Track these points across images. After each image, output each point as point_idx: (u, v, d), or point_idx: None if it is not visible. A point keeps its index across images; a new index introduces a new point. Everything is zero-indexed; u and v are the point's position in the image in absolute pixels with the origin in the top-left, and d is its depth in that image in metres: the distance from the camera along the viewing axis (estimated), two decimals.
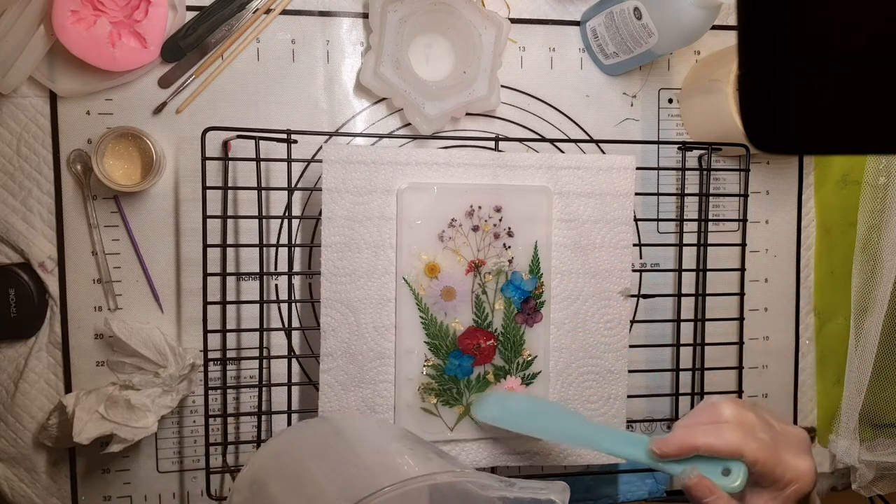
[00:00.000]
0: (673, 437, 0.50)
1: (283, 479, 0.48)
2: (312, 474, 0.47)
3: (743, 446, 0.48)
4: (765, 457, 0.48)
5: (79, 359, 0.69)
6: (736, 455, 0.48)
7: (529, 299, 0.67)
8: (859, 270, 0.79)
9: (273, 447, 0.53)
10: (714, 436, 0.49)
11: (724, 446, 0.49)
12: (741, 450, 0.48)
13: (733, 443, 0.48)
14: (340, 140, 0.70)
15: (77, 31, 0.63)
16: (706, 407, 0.52)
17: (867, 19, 0.28)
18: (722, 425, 0.49)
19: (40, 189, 0.67)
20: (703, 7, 0.61)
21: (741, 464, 0.49)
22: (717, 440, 0.49)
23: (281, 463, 0.51)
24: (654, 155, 0.78)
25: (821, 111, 0.30)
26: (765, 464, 0.48)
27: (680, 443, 0.50)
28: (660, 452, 0.51)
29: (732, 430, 0.49)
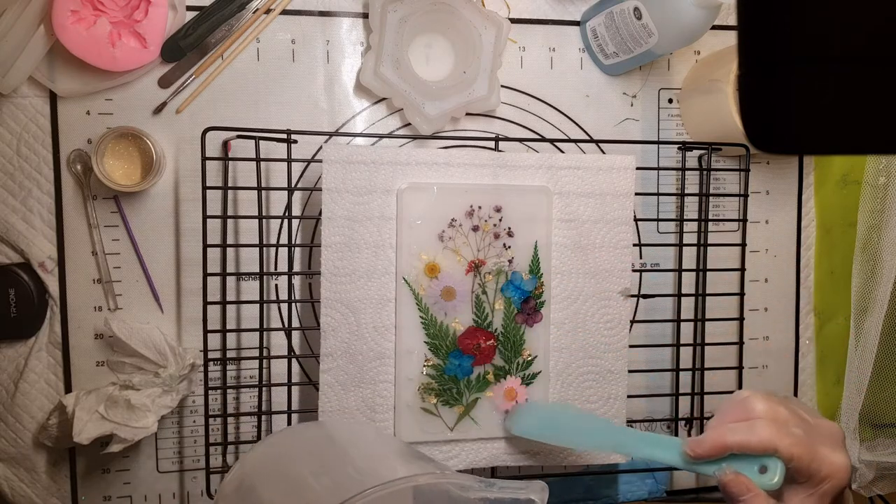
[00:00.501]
0: (706, 437, 0.50)
1: (271, 480, 0.48)
2: (300, 472, 0.47)
3: (777, 442, 0.47)
4: (800, 452, 0.47)
5: (79, 359, 0.69)
6: (770, 451, 0.48)
7: (529, 299, 0.67)
8: (859, 270, 0.79)
9: (262, 450, 0.53)
10: (747, 433, 0.48)
11: (757, 443, 0.48)
12: (775, 445, 0.47)
13: (767, 438, 0.47)
14: (340, 140, 0.70)
15: (77, 31, 0.63)
16: (737, 403, 0.51)
17: (867, 19, 0.28)
18: (754, 422, 0.49)
19: (40, 189, 0.67)
20: (703, 7, 0.61)
21: (777, 460, 0.48)
22: (750, 437, 0.48)
23: (269, 465, 0.51)
24: (654, 155, 0.78)
25: (821, 111, 0.30)
26: (800, 459, 0.47)
27: (713, 443, 0.49)
28: (694, 454, 0.50)
29: (765, 426, 0.48)
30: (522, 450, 0.69)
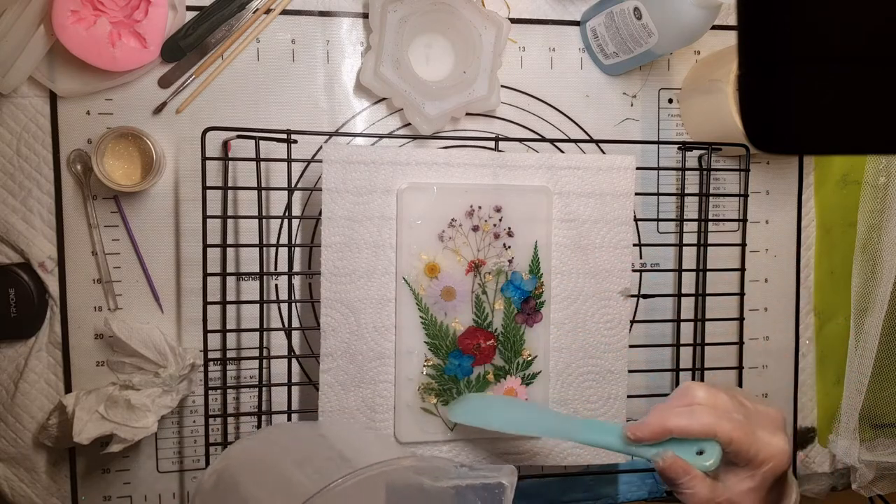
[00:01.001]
0: (646, 421, 0.51)
1: (252, 471, 0.48)
2: (283, 462, 0.46)
3: (716, 426, 0.48)
4: (738, 436, 0.48)
5: (79, 359, 0.69)
6: (709, 435, 0.49)
7: (529, 299, 0.67)
8: (859, 270, 0.79)
9: (244, 444, 0.53)
10: (687, 417, 0.49)
11: (697, 427, 0.49)
12: (714, 430, 0.48)
13: (706, 423, 0.49)
14: (340, 140, 0.70)
15: (77, 31, 0.63)
16: (680, 391, 0.52)
17: (867, 19, 0.28)
18: (695, 407, 0.50)
19: (40, 189, 0.67)
20: (703, 7, 0.61)
21: (715, 443, 0.49)
22: (690, 421, 0.49)
23: (251, 456, 0.50)
24: (654, 155, 0.78)
25: (821, 111, 0.30)
26: (739, 443, 0.48)
27: (653, 426, 0.50)
28: (634, 437, 0.51)
29: (705, 411, 0.49)
30: (522, 450, 0.69)
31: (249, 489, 0.45)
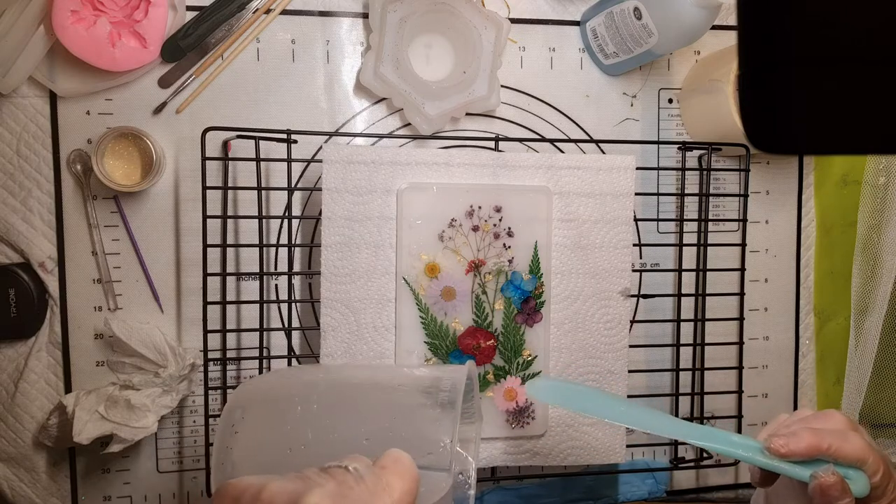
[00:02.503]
0: (799, 438, 0.49)
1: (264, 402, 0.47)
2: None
3: (869, 455, 0.48)
4: (884, 468, 0.49)
5: (79, 359, 0.69)
6: (861, 463, 0.48)
7: (529, 299, 0.67)
8: (859, 270, 0.79)
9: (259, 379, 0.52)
10: (842, 440, 0.49)
11: (851, 452, 0.48)
12: (867, 458, 0.48)
13: (861, 450, 0.48)
14: (340, 140, 0.70)
15: (77, 31, 0.63)
16: (822, 414, 0.52)
17: (867, 19, 0.28)
18: (847, 432, 0.49)
19: (40, 189, 0.67)
20: (703, 7, 0.61)
21: (861, 472, 0.49)
22: (845, 444, 0.48)
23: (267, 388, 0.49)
24: (654, 155, 0.78)
25: (821, 111, 0.30)
26: (884, 475, 0.49)
27: (809, 442, 0.49)
28: (785, 451, 0.49)
29: (858, 437, 0.49)
30: (522, 450, 0.69)
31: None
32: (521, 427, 0.68)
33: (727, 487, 0.81)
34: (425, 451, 0.38)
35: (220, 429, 0.43)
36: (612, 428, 0.70)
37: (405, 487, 0.34)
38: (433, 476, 0.37)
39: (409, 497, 0.34)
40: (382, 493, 0.33)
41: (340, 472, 0.34)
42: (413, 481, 0.35)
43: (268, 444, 0.40)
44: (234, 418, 0.42)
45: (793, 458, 0.49)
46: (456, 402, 0.39)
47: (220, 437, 0.42)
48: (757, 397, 0.81)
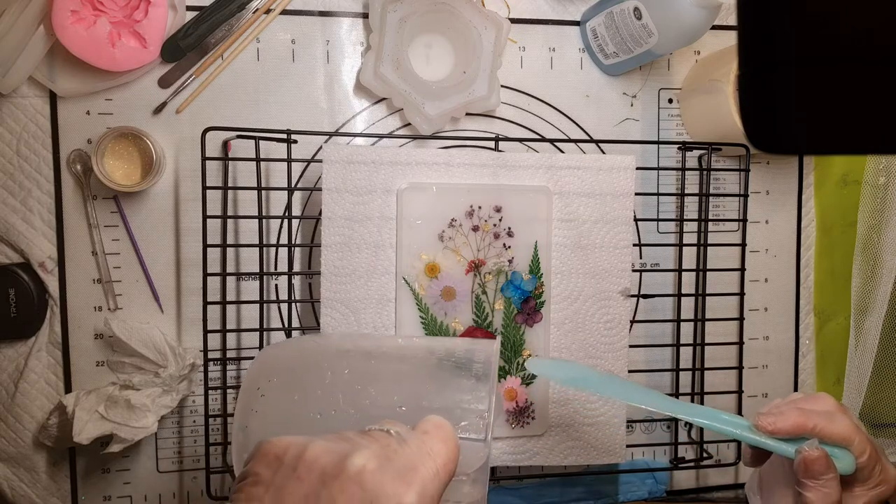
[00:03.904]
0: (786, 416, 0.50)
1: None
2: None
3: (855, 435, 0.50)
4: (870, 451, 0.50)
5: (79, 359, 0.69)
6: (847, 443, 0.50)
7: (529, 299, 0.67)
8: (859, 270, 0.79)
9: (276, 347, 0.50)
10: (828, 420, 0.50)
11: (837, 432, 0.49)
12: (853, 438, 0.49)
13: (847, 430, 0.49)
14: (340, 140, 0.70)
15: (77, 31, 0.63)
16: (812, 397, 0.53)
17: (867, 19, 0.28)
18: (834, 412, 0.51)
19: (40, 189, 0.67)
20: (703, 7, 0.61)
21: (848, 452, 0.50)
22: (831, 424, 0.50)
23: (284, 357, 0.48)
24: (654, 155, 0.78)
25: (821, 111, 0.30)
26: (869, 458, 0.50)
27: (795, 421, 0.50)
28: (772, 428, 0.50)
29: (845, 418, 0.50)
30: (522, 450, 0.69)
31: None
32: (521, 427, 0.68)
33: (727, 487, 0.81)
34: (461, 420, 0.37)
35: (244, 391, 0.42)
36: (612, 428, 0.70)
37: (449, 454, 0.34)
38: (470, 445, 0.37)
39: (452, 464, 0.34)
40: (426, 458, 0.33)
41: (382, 434, 0.33)
42: (455, 448, 0.35)
43: (295, 407, 0.38)
44: (260, 381, 0.41)
45: (780, 436, 0.51)
46: (490, 373, 0.39)
47: (244, 400, 0.41)
48: (757, 397, 0.81)
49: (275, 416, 0.40)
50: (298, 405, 0.39)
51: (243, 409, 0.41)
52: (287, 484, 0.31)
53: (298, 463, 0.32)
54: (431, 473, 0.32)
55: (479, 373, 0.40)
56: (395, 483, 0.31)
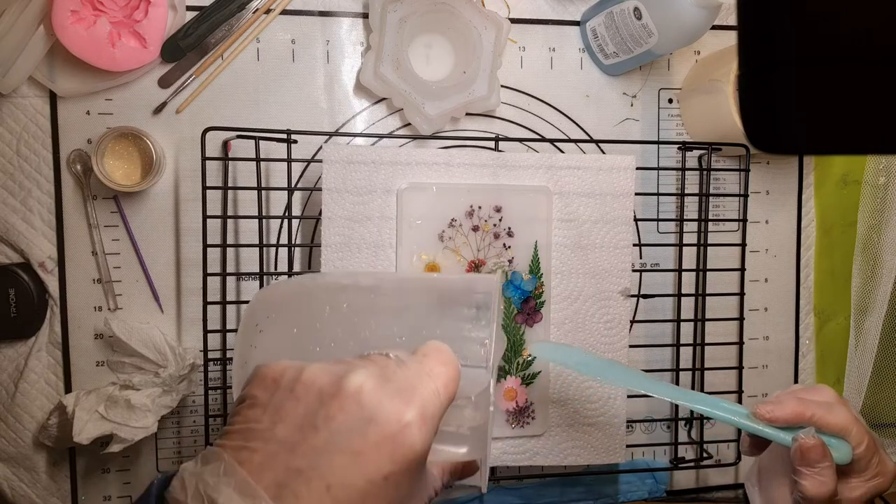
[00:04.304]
0: (784, 405, 0.51)
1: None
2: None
3: (853, 426, 0.50)
4: (868, 442, 0.50)
5: (79, 359, 0.69)
6: (845, 433, 0.50)
7: (529, 299, 0.67)
8: (859, 270, 0.79)
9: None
10: (826, 410, 0.50)
11: (835, 422, 0.50)
12: (851, 429, 0.50)
13: (845, 420, 0.50)
14: (340, 140, 0.70)
15: (77, 31, 0.63)
16: (812, 388, 0.53)
17: (867, 19, 0.28)
18: (833, 403, 0.51)
19: (40, 189, 0.67)
20: (703, 7, 0.61)
21: (846, 442, 0.50)
22: (828, 414, 0.50)
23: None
24: (654, 155, 0.78)
25: (821, 111, 0.30)
26: (867, 449, 0.50)
27: (793, 410, 0.51)
28: (769, 416, 0.51)
29: (843, 409, 0.51)
30: (522, 450, 0.69)
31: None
32: (521, 427, 0.68)
33: (727, 487, 0.81)
34: (462, 349, 0.37)
35: (243, 329, 0.42)
36: (612, 428, 0.70)
37: (449, 374, 0.34)
38: (472, 373, 0.37)
39: (453, 385, 0.34)
40: (426, 378, 0.33)
41: (381, 357, 0.33)
42: (455, 370, 0.34)
43: (294, 341, 0.38)
44: (258, 318, 0.41)
45: (778, 425, 0.51)
46: (491, 303, 0.39)
47: (243, 337, 0.41)
48: (757, 397, 0.81)
49: (274, 350, 0.40)
50: (297, 339, 0.39)
51: (242, 345, 0.41)
52: (284, 404, 0.31)
53: (296, 384, 0.31)
54: (431, 392, 0.32)
55: (479, 303, 0.39)
56: (393, 401, 0.31)
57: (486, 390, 0.37)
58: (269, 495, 0.29)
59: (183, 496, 0.29)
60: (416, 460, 0.31)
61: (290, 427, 0.30)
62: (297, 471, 0.29)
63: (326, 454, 0.30)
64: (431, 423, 0.32)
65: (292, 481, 0.29)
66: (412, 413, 0.31)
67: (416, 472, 0.31)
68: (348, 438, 0.30)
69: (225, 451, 0.30)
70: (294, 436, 0.30)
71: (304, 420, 0.30)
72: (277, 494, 0.29)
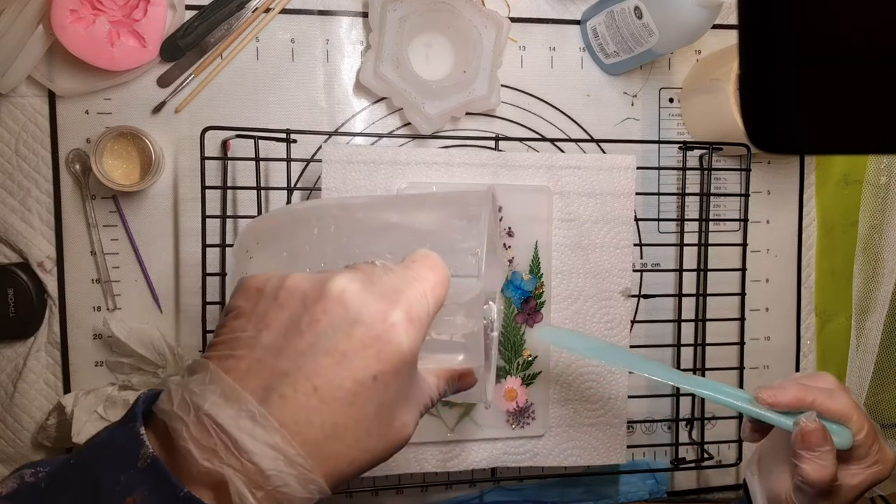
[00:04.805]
0: (786, 390, 0.51)
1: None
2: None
3: (854, 412, 0.50)
4: (869, 428, 0.50)
5: (77, 359, 0.68)
6: (846, 419, 0.50)
7: (529, 299, 0.67)
8: (860, 270, 0.78)
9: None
10: (828, 396, 0.51)
11: (836, 408, 0.50)
12: (851, 415, 0.50)
13: (846, 407, 0.50)
14: (340, 140, 0.70)
15: (76, 31, 0.62)
16: (814, 375, 0.54)
17: (867, 19, 0.28)
18: (834, 390, 0.52)
19: (39, 189, 0.67)
20: (704, 6, 0.61)
21: (846, 428, 0.50)
22: (830, 400, 0.50)
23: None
24: (655, 154, 0.77)
25: (821, 111, 0.30)
26: (867, 435, 0.50)
27: (794, 395, 0.51)
28: (771, 401, 0.51)
29: (845, 395, 0.51)
30: (522, 450, 0.69)
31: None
32: (522, 427, 0.68)
33: (728, 488, 0.80)
34: (453, 260, 0.36)
35: (234, 258, 0.41)
36: (612, 428, 0.70)
37: (437, 278, 0.33)
38: (464, 282, 0.36)
39: (441, 289, 0.33)
40: (413, 281, 0.32)
41: (367, 265, 0.33)
42: (444, 275, 0.34)
43: (284, 264, 0.37)
44: (248, 245, 0.41)
45: (779, 409, 0.51)
46: (482, 214, 0.38)
47: (235, 267, 0.41)
48: None
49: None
50: (287, 262, 0.38)
51: (233, 273, 0.41)
52: (269, 312, 0.31)
53: (279, 291, 0.31)
54: (418, 294, 0.32)
55: (471, 215, 0.38)
56: (379, 302, 0.30)
57: (477, 297, 0.36)
58: (255, 399, 0.29)
59: (169, 406, 0.29)
60: (404, 361, 0.31)
61: (274, 333, 0.30)
62: (282, 374, 0.29)
63: (312, 356, 0.29)
64: (418, 325, 0.31)
65: (278, 384, 0.29)
66: (398, 313, 0.30)
67: (405, 373, 0.31)
68: (334, 340, 0.30)
69: (211, 361, 0.30)
70: (279, 341, 0.30)
71: (288, 325, 0.30)
72: (264, 398, 0.29)
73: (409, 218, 0.40)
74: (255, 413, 0.28)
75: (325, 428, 0.29)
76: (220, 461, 0.28)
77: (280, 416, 0.29)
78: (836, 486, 0.50)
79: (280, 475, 0.28)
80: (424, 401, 0.35)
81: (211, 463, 0.28)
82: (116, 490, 0.28)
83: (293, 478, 0.29)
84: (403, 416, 0.32)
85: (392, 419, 0.32)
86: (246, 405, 0.29)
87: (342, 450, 0.30)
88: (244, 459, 0.28)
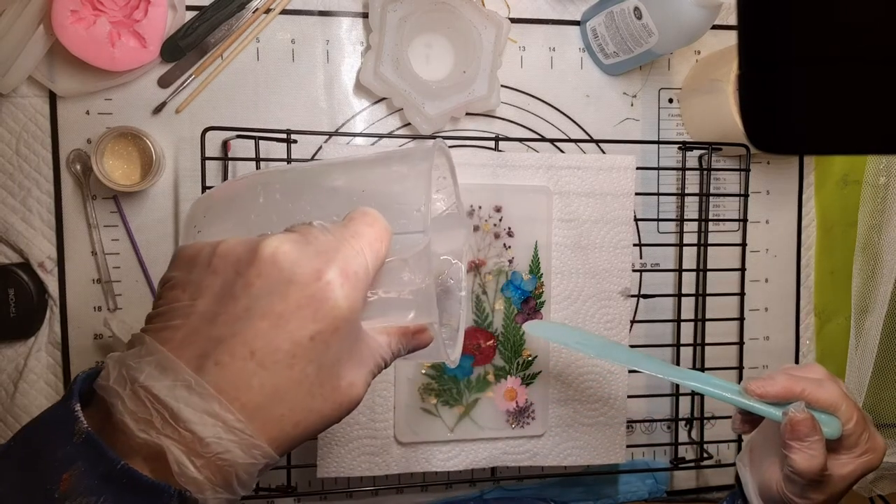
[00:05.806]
0: (775, 381, 0.51)
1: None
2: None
3: (843, 402, 0.50)
4: (858, 418, 0.50)
5: (78, 359, 0.68)
6: (834, 409, 0.50)
7: (529, 299, 0.67)
8: (860, 270, 0.79)
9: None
10: (816, 386, 0.51)
11: (825, 398, 0.50)
12: (840, 405, 0.50)
13: (835, 396, 0.50)
14: (340, 140, 0.70)
15: (77, 31, 0.63)
16: (804, 366, 0.54)
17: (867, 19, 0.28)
18: (823, 380, 0.52)
19: (40, 189, 0.67)
20: (704, 7, 0.61)
21: (835, 418, 0.51)
22: (819, 390, 0.51)
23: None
24: (655, 155, 0.78)
25: (821, 111, 0.30)
26: (857, 425, 0.50)
27: (783, 385, 0.51)
28: (760, 392, 0.51)
29: (833, 386, 0.51)
30: (522, 450, 0.69)
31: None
32: (521, 427, 0.68)
33: (727, 488, 0.81)
34: (399, 218, 0.35)
35: (182, 234, 0.41)
36: (612, 428, 0.70)
37: (375, 234, 0.33)
38: (410, 237, 0.36)
39: (378, 244, 0.33)
40: (349, 239, 0.32)
41: (303, 227, 0.32)
42: (383, 229, 0.33)
43: (230, 234, 0.36)
44: (196, 219, 0.40)
45: (768, 400, 0.51)
46: (427, 167, 0.37)
47: (182, 240, 0.40)
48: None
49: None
50: (233, 233, 0.37)
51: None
52: (203, 280, 0.31)
53: (212, 258, 0.31)
54: (354, 251, 0.31)
55: (417, 171, 0.38)
56: (313, 261, 0.30)
57: (423, 251, 0.35)
58: (191, 367, 0.29)
59: (106, 381, 0.29)
60: (343, 318, 0.30)
61: (209, 300, 0.30)
62: (218, 340, 0.29)
63: (248, 320, 0.29)
64: (355, 282, 0.31)
65: (214, 351, 0.29)
66: (333, 271, 0.30)
67: (346, 331, 0.31)
68: (269, 302, 0.29)
69: (147, 334, 0.30)
70: (214, 308, 0.30)
71: (222, 291, 0.30)
72: (199, 365, 0.29)
73: (356, 179, 0.39)
74: (190, 382, 0.28)
75: (265, 391, 0.29)
76: (157, 432, 0.28)
77: (217, 382, 0.28)
78: (826, 476, 0.50)
79: (220, 442, 0.28)
80: (375, 360, 0.34)
81: (148, 434, 0.28)
82: (54, 465, 0.28)
83: (234, 444, 0.28)
84: (350, 375, 0.32)
85: (337, 379, 0.31)
86: (182, 374, 0.28)
87: (285, 412, 0.30)
88: (181, 428, 0.28)
